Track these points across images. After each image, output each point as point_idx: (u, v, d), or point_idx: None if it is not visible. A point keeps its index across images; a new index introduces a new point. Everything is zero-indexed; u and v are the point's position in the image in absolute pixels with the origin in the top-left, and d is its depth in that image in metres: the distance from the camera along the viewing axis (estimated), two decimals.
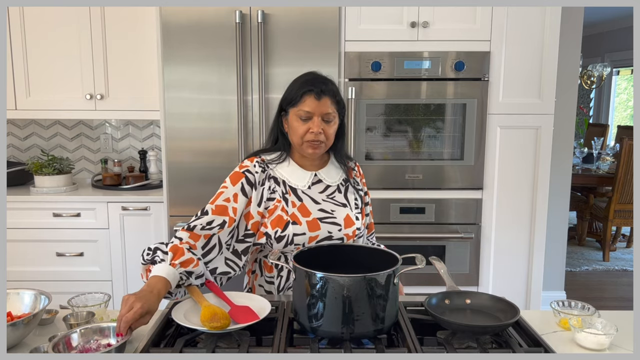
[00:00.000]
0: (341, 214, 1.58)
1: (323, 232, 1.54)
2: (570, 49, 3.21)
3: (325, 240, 1.55)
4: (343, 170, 1.66)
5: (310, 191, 1.59)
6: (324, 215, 1.56)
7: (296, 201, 1.56)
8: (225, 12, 2.53)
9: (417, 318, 1.34)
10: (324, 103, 1.51)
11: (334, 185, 1.63)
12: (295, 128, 1.53)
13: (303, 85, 1.54)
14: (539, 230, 2.76)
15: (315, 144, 1.52)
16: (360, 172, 1.74)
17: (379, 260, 1.35)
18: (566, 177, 3.37)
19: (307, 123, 1.52)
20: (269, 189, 1.56)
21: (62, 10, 2.86)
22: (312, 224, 1.54)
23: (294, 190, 1.57)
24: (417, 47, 2.62)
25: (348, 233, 1.57)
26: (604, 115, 7.46)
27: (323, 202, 1.58)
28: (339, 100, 1.56)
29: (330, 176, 1.63)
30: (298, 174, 1.59)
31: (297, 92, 1.53)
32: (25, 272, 2.84)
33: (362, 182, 1.72)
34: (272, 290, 1.60)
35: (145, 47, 2.88)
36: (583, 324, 1.29)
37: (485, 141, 2.69)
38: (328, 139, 1.54)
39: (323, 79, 1.56)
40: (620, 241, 5.26)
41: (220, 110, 2.60)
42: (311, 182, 1.60)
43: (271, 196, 1.55)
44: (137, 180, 3.00)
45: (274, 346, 1.18)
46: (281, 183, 1.57)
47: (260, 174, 1.56)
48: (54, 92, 2.94)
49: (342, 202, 1.60)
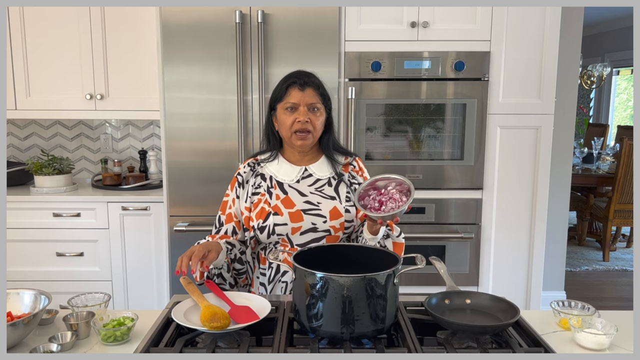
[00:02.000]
0: (327, 206, 1.62)
1: (306, 223, 1.60)
2: (570, 49, 3.21)
3: (309, 231, 1.60)
4: (334, 164, 1.69)
5: (299, 185, 1.65)
6: (309, 207, 1.61)
7: (281, 194, 1.63)
8: (225, 12, 2.53)
9: (417, 318, 1.34)
10: (308, 93, 1.60)
11: (324, 178, 1.67)
12: (283, 120, 1.61)
13: (287, 79, 1.64)
14: (539, 230, 2.76)
15: (303, 134, 1.60)
16: (361, 167, 1.75)
17: (379, 260, 1.35)
18: (566, 177, 3.37)
19: (293, 114, 1.60)
20: (254, 185, 1.66)
21: (62, 10, 2.86)
22: (295, 215, 1.60)
23: (280, 184, 1.65)
24: (417, 47, 2.62)
25: (334, 225, 1.61)
26: (604, 115, 7.46)
27: (310, 194, 1.64)
28: (322, 92, 1.64)
29: (321, 170, 1.68)
30: (286, 169, 1.67)
31: (281, 87, 1.63)
32: (25, 272, 2.84)
33: (364, 177, 1.73)
34: (264, 282, 1.65)
35: (145, 47, 2.88)
36: (583, 324, 1.29)
37: (485, 141, 2.69)
38: (315, 128, 1.61)
39: (305, 72, 1.66)
40: (620, 241, 5.26)
41: (220, 110, 2.60)
42: (300, 176, 1.67)
43: (256, 191, 1.66)
44: (137, 180, 3.00)
45: (274, 346, 1.18)
46: (268, 178, 1.66)
47: (248, 173, 1.68)
48: (54, 92, 2.94)
49: (331, 195, 1.64)
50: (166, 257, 2.74)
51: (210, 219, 2.64)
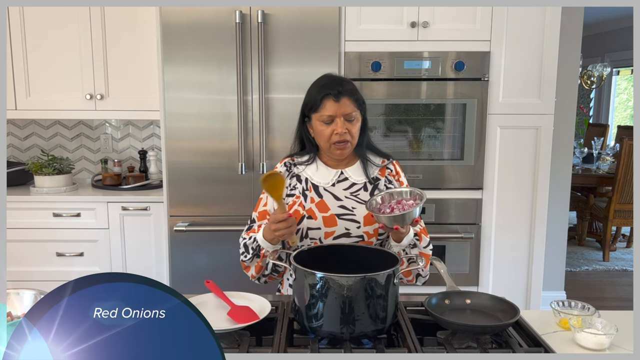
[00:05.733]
0: (362, 212, 1.59)
1: (340, 228, 1.58)
2: (570, 49, 3.21)
3: (342, 236, 1.58)
4: (369, 166, 1.66)
5: (334, 188, 1.63)
6: (344, 211, 1.59)
7: (315, 197, 1.61)
8: (225, 12, 2.53)
9: (417, 318, 1.34)
10: (343, 104, 1.56)
11: (360, 183, 1.64)
12: (321, 132, 1.58)
13: (321, 90, 1.58)
14: (539, 230, 2.76)
15: (342, 145, 1.57)
16: (397, 170, 1.72)
17: (379, 260, 1.35)
18: (566, 177, 3.37)
19: (330, 125, 1.56)
20: (289, 186, 1.64)
21: (62, 10, 2.86)
22: (329, 220, 1.58)
23: (316, 187, 1.63)
24: (417, 47, 2.61)
25: (368, 231, 1.59)
26: (604, 115, 7.46)
27: (345, 199, 1.61)
28: (357, 98, 1.60)
29: (357, 174, 1.65)
30: (323, 172, 1.65)
31: (316, 98, 1.58)
32: (25, 272, 2.83)
33: (400, 181, 1.70)
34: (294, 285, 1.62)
35: (145, 47, 2.88)
36: (583, 324, 1.29)
37: (485, 141, 2.69)
38: (353, 137, 1.59)
39: (339, 80, 1.62)
40: (620, 241, 5.25)
41: (220, 110, 2.60)
42: (336, 179, 1.64)
43: (291, 192, 1.63)
44: (137, 180, 3.00)
45: (274, 346, 1.18)
46: (304, 181, 1.64)
47: (283, 173, 1.65)
48: (54, 92, 2.93)
49: (366, 201, 1.60)
50: (166, 257, 2.73)
51: (210, 219, 2.64)
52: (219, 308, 1.35)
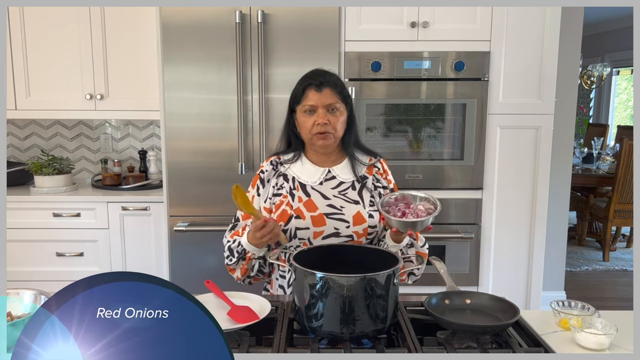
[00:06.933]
0: (351, 211, 1.58)
1: (329, 227, 1.56)
2: (570, 49, 3.21)
3: (331, 236, 1.56)
4: (357, 164, 1.64)
5: (322, 187, 1.61)
6: (332, 211, 1.57)
7: (303, 196, 1.59)
8: (225, 12, 2.53)
9: (417, 318, 1.34)
10: (325, 94, 1.55)
11: (347, 181, 1.63)
12: (303, 123, 1.58)
13: (304, 80, 1.59)
14: (539, 230, 2.76)
15: (323, 135, 1.55)
16: (385, 169, 1.71)
17: (379, 260, 1.35)
18: (566, 177, 3.37)
19: (312, 116, 1.56)
20: (276, 186, 1.62)
21: (62, 10, 2.86)
22: (317, 219, 1.56)
23: (303, 186, 1.60)
24: (417, 47, 2.61)
25: (357, 230, 1.57)
26: (604, 115, 7.46)
27: (334, 197, 1.59)
28: (341, 91, 1.58)
29: (345, 173, 1.64)
30: (310, 171, 1.63)
31: (299, 89, 1.58)
32: (25, 272, 2.83)
33: (387, 180, 1.69)
34: (284, 285, 1.62)
35: (145, 47, 2.88)
36: (583, 324, 1.29)
37: (485, 141, 2.69)
38: (335, 130, 1.57)
39: (322, 71, 1.60)
40: (620, 241, 5.25)
41: (220, 110, 2.60)
42: (323, 178, 1.62)
43: (278, 192, 1.61)
44: (137, 180, 3.00)
45: (274, 346, 1.18)
46: (290, 180, 1.61)
47: (270, 172, 1.64)
48: (54, 92, 2.93)
49: (355, 199, 1.60)
50: (166, 257, 2.73)
51: (210, 219, 2.64)
52: (219, 308, 1.35)
